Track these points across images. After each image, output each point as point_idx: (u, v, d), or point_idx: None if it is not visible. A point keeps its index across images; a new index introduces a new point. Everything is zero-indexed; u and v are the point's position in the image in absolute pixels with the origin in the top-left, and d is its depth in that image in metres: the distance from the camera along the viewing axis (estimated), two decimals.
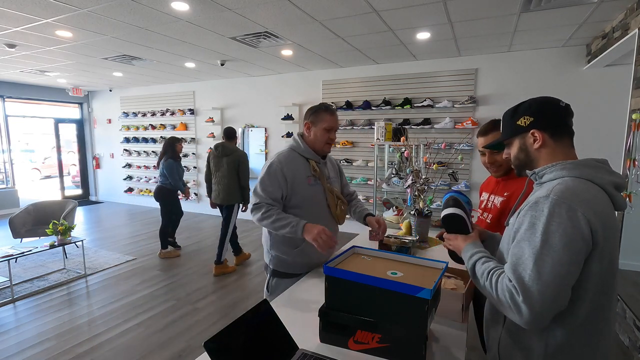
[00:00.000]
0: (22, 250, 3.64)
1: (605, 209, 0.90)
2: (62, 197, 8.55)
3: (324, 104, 1.81)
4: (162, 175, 4.57)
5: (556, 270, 0.84)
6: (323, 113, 1.76)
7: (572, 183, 0.92)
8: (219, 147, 4.12)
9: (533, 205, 0.92)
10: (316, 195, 1.79)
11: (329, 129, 1.76)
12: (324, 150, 1.82)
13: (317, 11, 3.25)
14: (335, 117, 1.80)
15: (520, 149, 1.06)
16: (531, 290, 0.85)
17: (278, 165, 1.72)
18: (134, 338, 2.80)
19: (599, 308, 0.92)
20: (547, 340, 0.94)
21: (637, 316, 2.53)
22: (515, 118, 1.05)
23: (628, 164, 2.70)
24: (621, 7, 3.07)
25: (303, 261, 1.79)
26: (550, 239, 0.86)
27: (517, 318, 0.88)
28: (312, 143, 1.79)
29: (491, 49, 4.56)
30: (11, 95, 7.45)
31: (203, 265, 4.40)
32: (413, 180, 2.60)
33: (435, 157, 4.96)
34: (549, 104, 1.02)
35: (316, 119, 1.76)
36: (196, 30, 3.82)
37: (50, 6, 3.13)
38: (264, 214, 1.67)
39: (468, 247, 1.12)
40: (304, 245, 1.72)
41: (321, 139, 1.77)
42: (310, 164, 1.78)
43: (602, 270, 0.89)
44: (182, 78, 6.81)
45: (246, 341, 0.98)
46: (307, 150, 1.79)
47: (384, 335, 1.09)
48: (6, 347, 2.68)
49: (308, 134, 1.79)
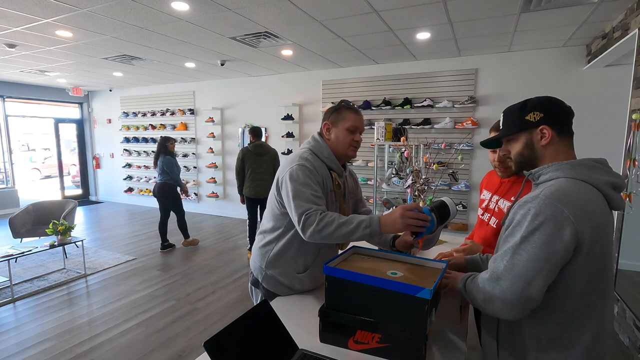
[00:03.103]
0: (22, 250, 3.64)
1: (597, 209, 0.91)
2: (62, 197, 8.55)
3: (346, 102, 1.58)
4: (163, 172, 4.76)
5: (529, 265, 0.89)
6: (346, 111, 1.50)
7: (565, 184, 0.94)
8: (258, 146, 4.39)
9: (522, 204, 0.95)
10: None
11: (353, 129, 1.49)
12: (348, 155, 1.53)
13: (317, 11, 3.25)
14: (361, 116, 1.53)
15: (526, 144, 1.05)
16: (503, 279, 0.91)
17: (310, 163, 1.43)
18: (134, 338, 2.80)
19: (590, 307, 0.93)
20: (539, 336, 0.97)
21: (637, 316, 2.53)
22: (524, 113, 1.04)
23: (628, 164, 2.70)
24: (621, 7, 3.07)
25: (302, 286, 1.55)
26: (530, 236, 0.90)
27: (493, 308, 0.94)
28: (333, 146, 1.51)
29: (491, 49, 4.56)
30: (11, 95, 7.45)
31: (203, 265, 4.40)
32: (413, 180, 2.60)
33: (435, 157, 4.96)
34: (556, 103, 1.03)
35: (337, 118, 1.50)
36: (196, 30, 3.82)
37: (50, 6, 3.13)
38: (320, 222, 1.28)
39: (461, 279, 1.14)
40: (312, 268, 1.51)
41: (344, 141, 1.49)
42: (332, 175, 1.50)
43: (591, 269, 0.91)
44: (182, 78, 6.81)
45: (246, 341, 0.98)
46: (331, 156, 1.50)
47: (384, 335, 1.09)
48: (6, 347, 2.68)
49: (327, 135, 1.52)
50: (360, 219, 1.28)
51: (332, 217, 1.29)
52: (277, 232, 1.53)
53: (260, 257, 1.57)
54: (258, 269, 1.58)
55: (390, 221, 1.25)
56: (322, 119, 1.57)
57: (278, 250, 1.52)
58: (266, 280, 1.56)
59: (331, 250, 1.59)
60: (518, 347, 1.00)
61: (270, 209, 1.56)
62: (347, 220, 1.29)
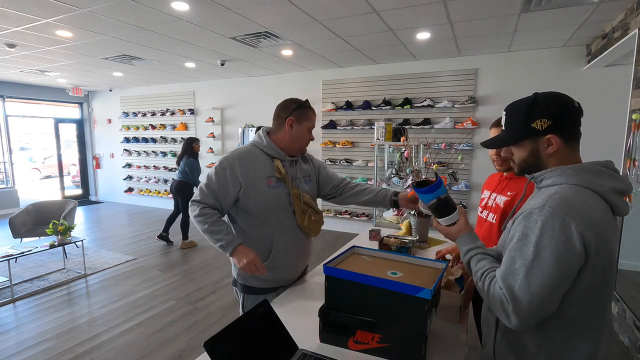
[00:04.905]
0: (22, 250, 3.64)
1: (602, 218, 0.89)
2: (62, 197, 8.55)
3: (306, 101, 1.62)
4: (184, 172, 4.97)
5: (545, 283, 0.85)
6: (309, 111, 1.59)
7: (569, 191, 0.90)
8: None
9: (527, 215, 0.91)
10: (279, 200, 1.55)
11: (311, 129, 1.61)
12: (302, 150, 1.65)
13: (317, 11, 3.25)
14: (315, 117, 1.65)
15: (531, 152, 0.99)
16: (520, 300, 0.87)
17: (230, 161, 1.52)
18: (134, 338, 2.80)
19: (592, 315, 0.92)
20: (541, 343, 0.95)
21: (637, 316, 2.53)
22: (531, 120, 0.95)
23: (628, 164, 2.70)
24: (621, 7, 3.07)
25: (272, 277, 1.58)
26: (541, 252, 0.86)
27: (506, 322, 0.90)
28: (288, 141, 1.58)
29: (491, 49, 4.56)
30: (11, 95, 7.45)
31: (203, 265, 4.40)
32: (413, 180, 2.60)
33: (435, 157, 4.95)
34: (566, 106, 0.95)
35: (301, 117, 1.57)
36: (196, 30, 3.82)
37: (50, 6, 3.13)
38: (198, 215, 1.48)
39: (463, 240, 1.09)
40: (270, 259, 1.55)
41: (303, 139, 1.60)
42: (274, 163, 1.56)
43: (592, 279, 0.89)
44: (182, 78, 6.81)
45: (246, 341, 0.98)
46: (272, 147, 1.57)
47: (384, 335, 1.09)
48: (6, 347, 2.68)
49: (289, 130, 1.57)
50: (223, 237, 1.47)
51: (208, 218, 1.48)
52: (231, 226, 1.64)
53: None
54: (233, 265, 1.60)
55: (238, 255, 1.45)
56: (282, 112, 1.59)
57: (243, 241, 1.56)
58: (240, 276, 1.62)
59: (291, 234, 1.60)
60: (518, 350, 0.99)
61: None
62: (216, 229, 1.47)
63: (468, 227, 1.12)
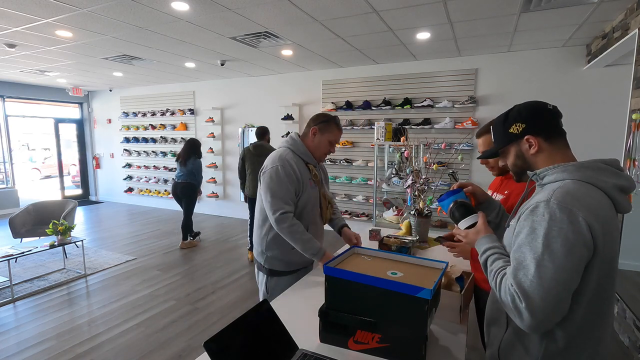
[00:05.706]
0: (22, 250, 3.64)
1: (607, 214, 0.89)
2: (62, 197, 8.55)
3: (337, 118, 1.85)
4: (190, 173, 4.93)
5: (558, 277, 0.84)
6: (334, 126, 1.81)
7: (572, 186, 0.90)
8: (258, 146, 4.40)
9: (534, 209, 0.91)
10: (315, 199, 1.83)
11: (333, 142, 1.82)
12: (320, 159, 1.88)
13: (317, 11, 3.25)
14: (341, 134, 1.86)
15: (517, 156, 1.05)
16: (533, 296, 0.84)
17: (289, 164, 1.73)
18: (134, 338, 2.80)
19: (597, 314, 0.92)
20: (547, 345, 0.94)
21: (637, 316, 2.53)
22: (507, 126, 1.04)
23: (628, 164, 2.70)
24: (621, 7, 3.07)
25: (299, 259, 1.83)
26: (552, 245, 0.85)
27: (519, 322, 0.88)
28: (312, 149, 1.82)
29: (491, 49, 4.56)
30: (11, 95, 7.44)
31: (203, 265, 4.40)
32: (413, 180, 2.61)
33: (435, 157, 4.95)
34: (538, 109, 1.01)
35: (325, 128, 1.79)
36: (196, 30, 3.82)
37: (50, 6, 3.13)
38: (291, 227, 1.68)
39: (482, 242, 1.08)
40: None
41: (323, 149, 1.82)
42: (309, 167, 1.81)
43: (600, 276, 0.89)
44: (182, 78, 6.81)
45: (246, 341, 0.98)
46: (307, 153, 1.82)
47: (384, 335, 1.09)
48: (6, 347, 2.68)
49: (312, 138, 1.81)
50: (313, 245, 1.71)
51: (299, 229, 1.69)
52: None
53: (259, 243, 1.85)
54: (260, 254, 1.86)
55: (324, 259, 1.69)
56: (311, 121, 1.83)
57: (274, 234, 1.77)
58: (268, 262, 1.84)
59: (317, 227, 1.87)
60: (524, 351, 0.99)
61: (260, 202, 1.83)
62: (307, 239, 1.70)
63: (487, 230, 1.11)
